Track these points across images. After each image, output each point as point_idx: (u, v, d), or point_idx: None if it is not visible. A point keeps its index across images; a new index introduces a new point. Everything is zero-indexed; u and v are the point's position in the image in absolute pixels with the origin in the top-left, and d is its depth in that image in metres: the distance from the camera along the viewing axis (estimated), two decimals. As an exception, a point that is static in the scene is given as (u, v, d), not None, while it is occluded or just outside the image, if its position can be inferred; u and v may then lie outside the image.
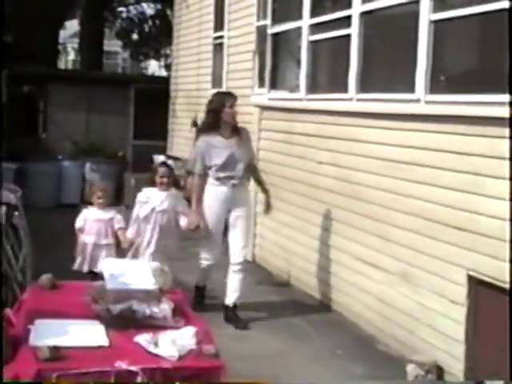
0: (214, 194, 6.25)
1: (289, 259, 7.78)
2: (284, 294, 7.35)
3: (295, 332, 6.04)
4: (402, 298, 5.64)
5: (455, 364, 5.03)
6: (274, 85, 8.39)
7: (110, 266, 3.71)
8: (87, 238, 6.28)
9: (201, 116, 11.88)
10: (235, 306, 6.29)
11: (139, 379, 2.94)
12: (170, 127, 13.88)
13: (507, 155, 4.52)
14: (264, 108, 8.62)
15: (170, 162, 6.37)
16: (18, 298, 5.48)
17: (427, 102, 5.47)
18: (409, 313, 5.54)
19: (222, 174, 6.22)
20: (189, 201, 6.51)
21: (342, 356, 5.11)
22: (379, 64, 6.52)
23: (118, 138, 14.18)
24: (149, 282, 3.60)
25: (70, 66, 32.93)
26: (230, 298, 6.30)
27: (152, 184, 6.27)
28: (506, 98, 4.52)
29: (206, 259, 6.44)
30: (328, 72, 7.70)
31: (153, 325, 3.37)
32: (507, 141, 4.51)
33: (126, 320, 3.38)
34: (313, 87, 7.44)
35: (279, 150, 8.13)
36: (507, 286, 4.51)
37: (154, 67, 31.57)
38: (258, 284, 7.69)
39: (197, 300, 6.46)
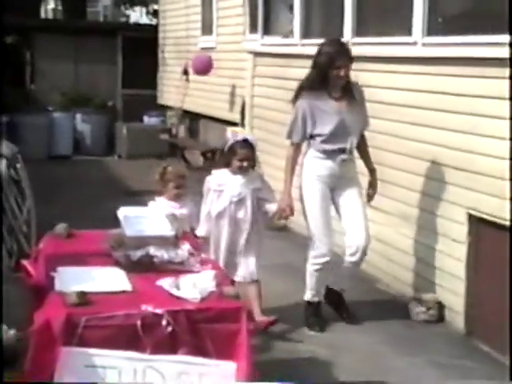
0: (317, 169, 4.97)
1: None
2: (283, 238, 7.47)
3: (298, 274, 6.16)
4: (402, 239, 5.78)
5: (456, 300, 5.19)
6: (266, 30, 8.39)
7: (126, 214, 3.79)
8: None
9: (190, 64, 11.93)
10: (341, 295, 5.28)
11: (164, 321, 3.04)
12: (160, 76, 13.85)
13: (506, 95, 4.60)
14: (257, 54, 8.62)
15: (251, 139, 4.93)
16: (24, 249, 5.62)
17: (424, 45, 5.53)
18: (409, 252, 5.68)
19: (328, 147, 4.93)
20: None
21: (345, 296, 5.24)
22: (375, 7, 6.55)
23: (106, 87, 14.14)
24: (165, 228, 3.69)
25: (50, 15, 32.39)
26: (340, 285, 5.22)
27: (225, 165, 4.88)
28: (505, 38, 4.58)
29: (317, 256, 4.99)
30: (322, 16, 7.71)
31: (171, 269, 3.47)
32: (507, 81, 4.59)
33: (145, 265, 3.48)
34: (307, 32, 7.45)
35: (274, 96, 8.16)
36: (507, 223, 4.64)
37: (137, 15, 31.15)
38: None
39: (312, 319, 5.12)
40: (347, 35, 6.52)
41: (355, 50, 6.44)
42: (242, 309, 3.17)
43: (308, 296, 5.17)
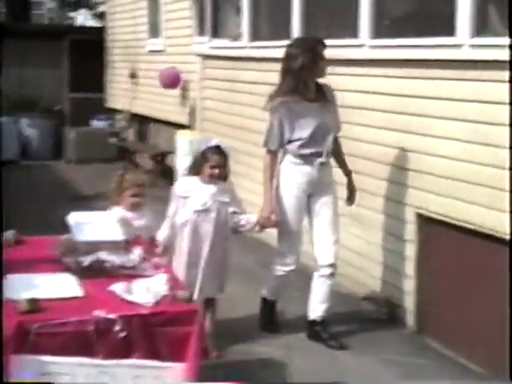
0: (295, 175, 4.80)
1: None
2: (234, 239, 7.46)
3: (249, 276, 6.18)
4: (352, 238, 5.83)
5: (406, 299, 5.26)
6: (215, 33, 8.41)
7: (76, 219, 3.75)
8: None
9: (139, 66, 11.87)
10: (324, 320, 4.97)
11: (117, 327, 3.02)
12: (108, 79, 13.74)
13: (455, 96, 4.69)
14: (206, 57, 8.63)
15: (224, 146, 4.63)
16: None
17: (371, 47, 5.60)
18: (361, 252, 5.74)
19: (306, 151, 4.76)
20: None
21: (298, 298, 5.27)
22: (322, 9, 6.60)
23: (53, 91, 13.98)
24: (116, 233, 3.67)
25: (-7, 19, 31.82)
26: (317, 311, 4.94)
27: (195, 173, 4.60)
28: (451, 40, 4.66)
29: (284, 264, 4.90)
30: (271, 19, 7.75)
31: (123, 274, 3.45)
32: (454, 82, 4.67)
33: (96, 271, 3.46)
34: (256, 34, 7.49)
35: (224, 99, 8.18)
36: (454, 221, 4.73)
37: (82, 18, 30.82)
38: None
39: (265, 318, 5.12)
40: (295, 37, 6.55)
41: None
42: (195, 312, 3.17)
43: (265, 292, 5.11)
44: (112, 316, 3.02)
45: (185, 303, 3.21)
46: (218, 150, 4.54)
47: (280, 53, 6.87)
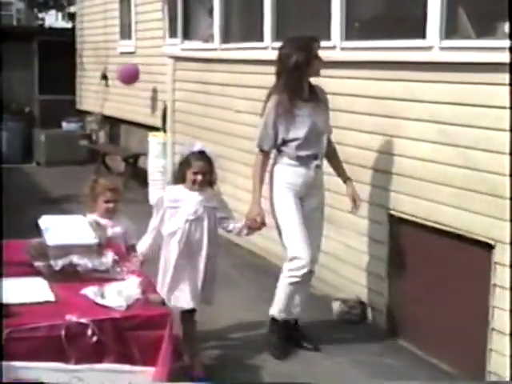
0: (290, 178, 4.68)
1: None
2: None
3: (225, 279, 6.17)
4: (325, 240, 5.81)
5: (379, 300, 5.29)
6: (186, 35, 8.39)
7: (47, 222, 3.72)
8: None
9: (110, 68, 11.81)
10: (296, 322, 4.91)
11: (89, 331, 3.00)
12: (78, 80, 13.65)
13: (426, 98, 4.73)
14: (177, 58, 8.60)
15: (208, 151, 4.40)
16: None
17: (343, 49, 5.62)
18: (333, 253, 5.76)
19: (303, 153, 4.66)
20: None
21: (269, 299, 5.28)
22: (294, 11, 6.62)
23: (23, 93, 13.85)
24: (88, 236, 3.64)
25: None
26: (291, 313, 4.81)
27: (180, 181, 4.40)
28: (421, 42, 4.70)
29: (298, 268, 4.60)
30: (242, 21, 7.76)
31: (96, 277, 3.43)
32: (426, 84, 4.72)
33: (68, 274, 3.43)
34: (227, 36, 7.49)
35: (195, 101, 8.17)
36: (425, 222, 4.76)
37: (51, 18, 30.56)
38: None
39: (278, 343, 4.78)
40: (267, 39, 6.58)
41: (275, 54, 6.54)
42: (167, 315, 3.16)
43: (274, 311, 4.79)
44: (84, 320, 3.00)
45: (157, 307, 3.20)
46: (201, 155, 4.32)
47: (253, 54, 6.94)
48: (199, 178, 4.27)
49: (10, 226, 6.43)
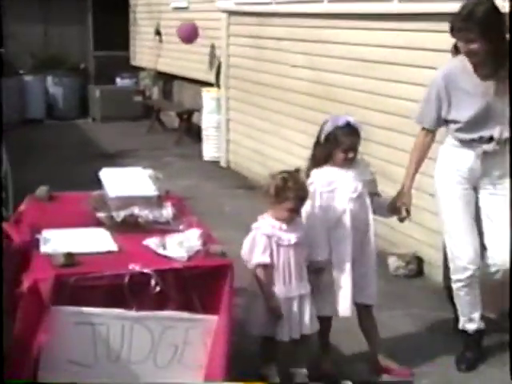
0: (454, 161, 3.97)
1: (265, 163, 7.91)
2: (260, 197, 7.51)
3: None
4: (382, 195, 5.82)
5: (434, 254, 5.27)
6: (240, -11, 8.33)
7: (108, 175, 3.79)
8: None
9: (163, 24, 11.80)
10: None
11: (152, 281, 3.07)
12: (132, 36, 13.68)
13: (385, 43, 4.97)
14: (231, 13, 8.56)
15: (354, 122, 3.82)
16: (1, 214, 5.57)
17: (400, 1, 5.53)
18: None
19: (466, 136, 3.90)
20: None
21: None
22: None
23: (78, 49, 13.93)
24: (149, 189, 3.69)
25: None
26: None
27: (325, 160, 3.82)
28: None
29: (458, 271, 3.99)
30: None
31: (157, 229, 3.48)
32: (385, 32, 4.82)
33: (130, 225, 3.50)
34: (282, -10, 7.41)
35: (250, 56, 8.14)
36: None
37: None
38: (233, 187, 7.89)
39: (466, 355, 4.13)
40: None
41: (332, 8, 6.48)
42: (228, 266, 3.20)
43: (461, 324, 4.15)
44: (147, 270, 3.06)
45: (218, 257, 3.24)
46: (349, 129, 3.77)
47: (308, 8, 6.86)
48: (351, 155, 3.77)
49: (70, 180, 6.59)
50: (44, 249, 3.21)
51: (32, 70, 12.99)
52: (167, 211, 3.58)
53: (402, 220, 4.08)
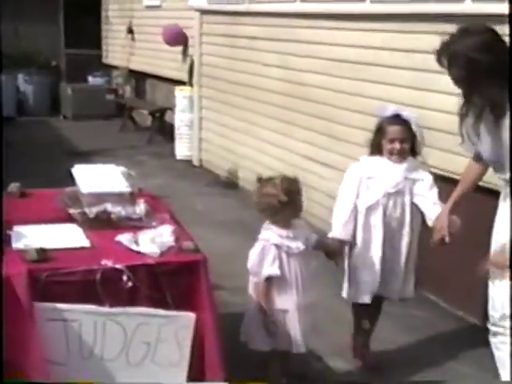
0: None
1: (237, 162, 7.92)
2: (233, 195, 7.53)
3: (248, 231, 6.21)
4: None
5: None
6: (213, -12, 8.34)
7: (81, 171, 3.78)
8: None
9: (136, 22, 11.76)
10: None
11: (124, 276, 3.06)
12: (104, 35, 13.62)
13: (359, 43, 4.97)
14: (204, 12, 8.56)
15: (405, 114, 3.79)
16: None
17: (373, 2, 5.57)
18: (328, 193, 5.76)
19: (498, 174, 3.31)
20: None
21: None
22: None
23: (49, 47, 13.83)
24: (121, 185, 3.68)
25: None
26: None
27: (376, 151, 3.83)
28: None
29: None
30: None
31: (129, 225, 3.47)
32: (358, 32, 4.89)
33: (102, 222, 3.48)
34: (255, -11, 7.43)
35: (223, 54, 8.15)
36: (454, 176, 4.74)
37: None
38: (206, 186, 7.90)
39: None
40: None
41: (305, 7, 6.51)
42: (200, 262, 3.20)
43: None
44: (119, 265, 3.06)
45: (191, 253, 3.24)
46: (395, 119, 3.75)
47: (282, 7, 6.88)
48: (397, 146, 3.73)
49: (41, 178, 6.55)
50: (16, 245, 3.19)
51: (3, 68, 12.86)
52: (140, 208, 3.57)
53: (439, 243, 3.64)
